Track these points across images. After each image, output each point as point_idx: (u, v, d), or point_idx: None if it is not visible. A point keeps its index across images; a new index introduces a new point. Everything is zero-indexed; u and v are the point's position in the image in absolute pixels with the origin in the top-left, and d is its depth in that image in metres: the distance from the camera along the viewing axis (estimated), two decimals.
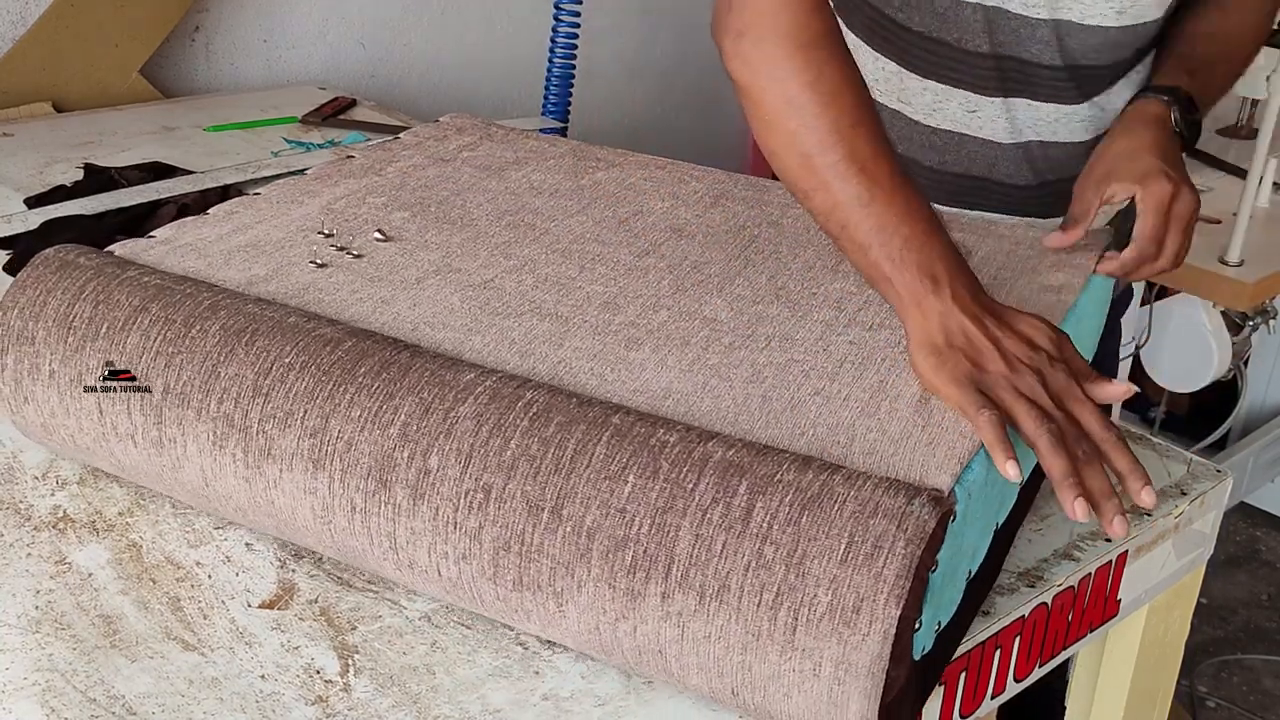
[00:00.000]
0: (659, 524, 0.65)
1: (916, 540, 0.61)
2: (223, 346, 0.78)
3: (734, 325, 0.84)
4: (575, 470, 0.67)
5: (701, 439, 0.68)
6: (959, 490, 0.67)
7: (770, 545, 0.63)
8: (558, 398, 0.72)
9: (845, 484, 0.64)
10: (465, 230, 0.96)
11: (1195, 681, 2.14)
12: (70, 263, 0.85)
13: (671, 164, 1.10)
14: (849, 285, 0.89)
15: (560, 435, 0.69)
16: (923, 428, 0.72)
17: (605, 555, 0.66)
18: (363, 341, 0.77)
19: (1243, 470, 2.25)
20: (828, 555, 0.62)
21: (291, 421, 0.74)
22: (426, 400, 0.72)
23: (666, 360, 0.79)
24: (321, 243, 0.94)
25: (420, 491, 0.70)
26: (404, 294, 0.87)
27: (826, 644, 0.61)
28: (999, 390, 0.74)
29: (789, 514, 0.63)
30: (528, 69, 2.24)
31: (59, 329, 0.82)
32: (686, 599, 0.64)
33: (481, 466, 0.69)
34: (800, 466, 0.66)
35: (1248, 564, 2.49)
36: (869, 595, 0.61)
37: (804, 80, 0.82)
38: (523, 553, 0.68)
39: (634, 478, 0.66)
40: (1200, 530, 0.97)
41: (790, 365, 0.79)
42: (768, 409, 0.74)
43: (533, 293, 0.87)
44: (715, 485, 0.65)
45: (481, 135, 1.16)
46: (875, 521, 0.62)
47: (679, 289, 0.89)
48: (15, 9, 1.66)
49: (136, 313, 0.81)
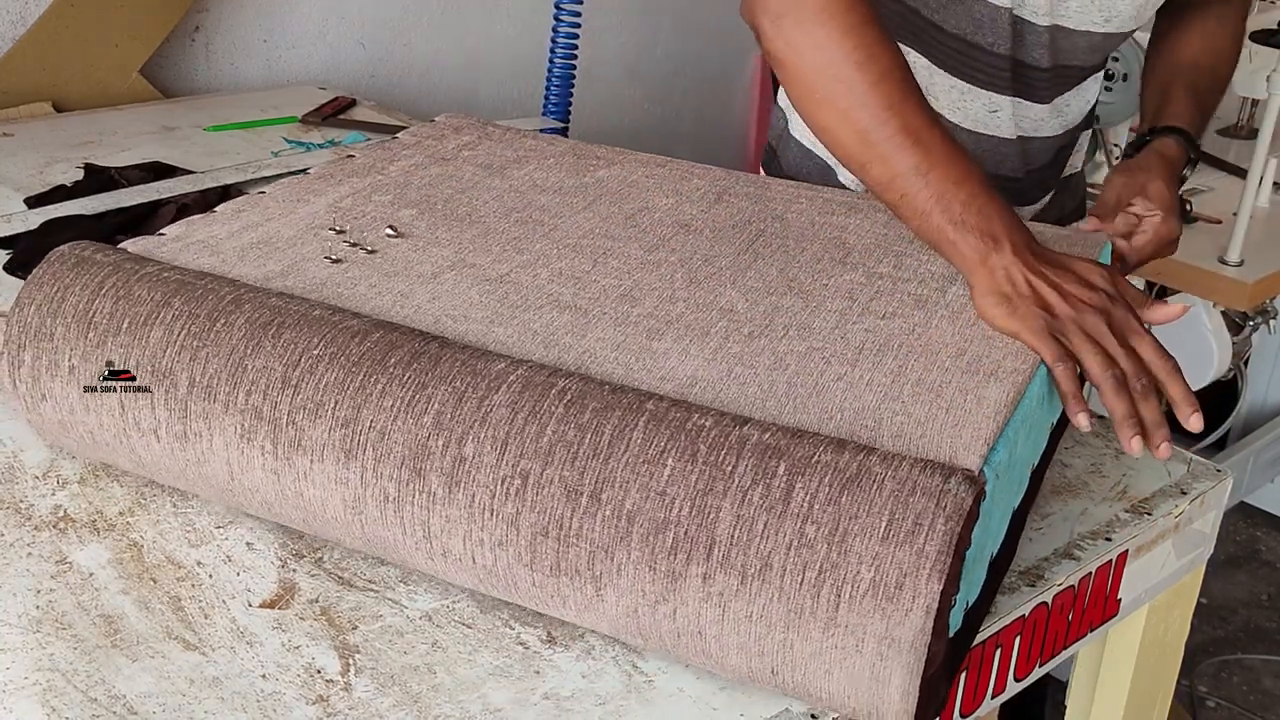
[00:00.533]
0: (699, 506, 0.66)
1: (956, 517, 0.63)
2: (249, 340, 0.78)
3: (751, 315, 0.85)
4: (613, 455, 0.68)
5: (737, 423, 0.69)
6: (988, 471, 0.69)
7: (812, 524, 0.64)
8: (590, 385, 0.72)
9: (882, 464, 0.66)
10: (474, 226, 0.97)
11: (1195, 681, 2.14)
12: (87, 259, 0.85)
13: (671, 162, 1.11)
14: (858, 277, 0.91)
15: (597, 421, 0.70)
16: (946, 410, 0.74)
17: (645, 538, 0.66)
18: (390, 333, 0.77)
19: (1243, 470, 2.25)
20: (869, 533, 0.63)
21: (322, 412, 0.74)
22: (460, 389, 0.73)
23: (690, 349, 0.80)
24: (334, 239, 0.94)
25: (456, 479, 0.71)
26: (422, 288, 0.87)
27: (870, 620, 0.63)
28: (1069, 334, 0.81)
29: (829, 494, 0.64)
30: (528, 69, 2.24)
31: (79, 325, 0.81)
32: (729, 579, 0.65)
33: (518, 453, 0.70)
34: (836, 448, 0.67)
35: (1248, 564, 2.49)
36: (911, 571, 0.62)
37: (855, 60, 0.86)
38: (561, 537, 0.68)
39: (673, 461, 0.67)
40: (1200, 530, 0.97)
41: (811, 353, 0.80)
42: (794, 395, 0.76)
43: (549, 286, 0.88)
44: (754, 467, 0.66)
45: (480, 134, 1.16)
46: (915, 500, 0.63)
47: (692, 281, 0.89)
48: (15, 9, 1.66)
49: (159, 307, 0.80)
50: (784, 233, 0.98)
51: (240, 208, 0.99)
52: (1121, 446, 0.80)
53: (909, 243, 0.95)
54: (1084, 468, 0.97)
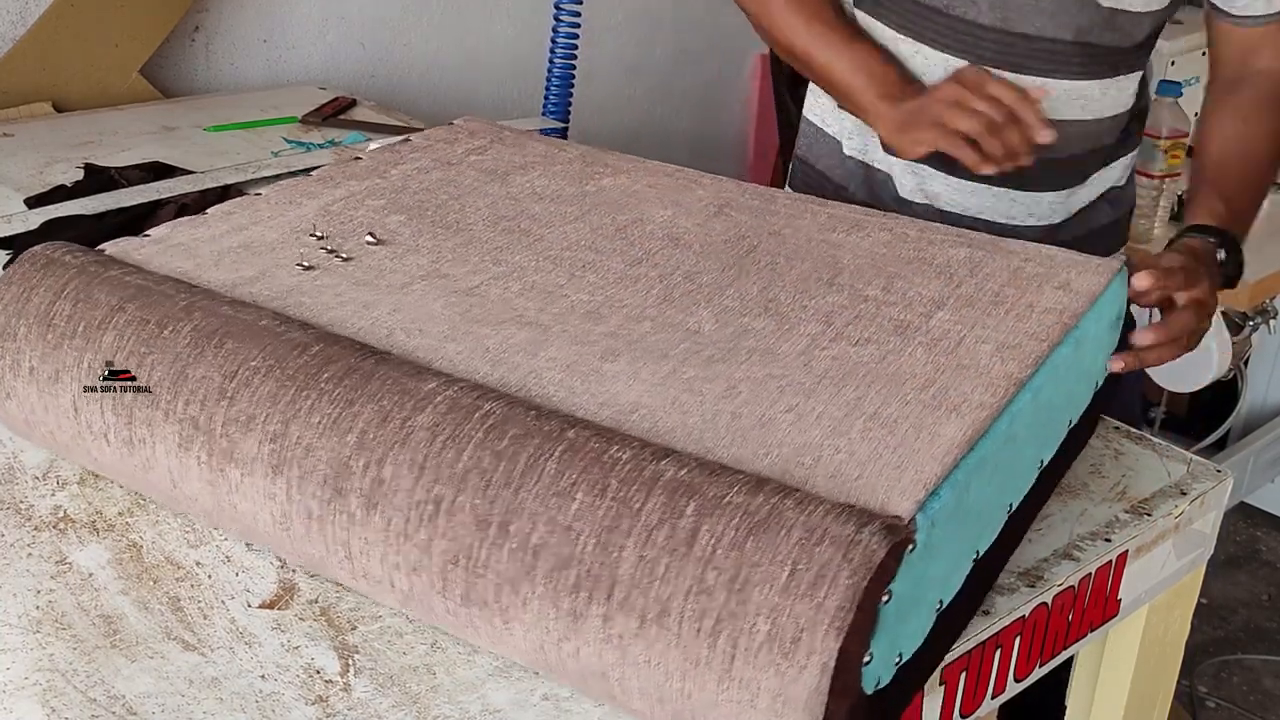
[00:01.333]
0: (603, 543, 0.63)
1: (863, 571, 0.59)
2: (193, 348, 0.77)
3: (716, 338, 0.82)
4: (525, 485, 0.66)
5: (656, 457, 0.66)
6: (921, 518, 0.65)
7: (713, 570, 0.61)
8: (516, 410, 0.70)
9: (796, 509, 0.62)
10: (459, 235, 0.96)
11: (1195, 681, 2.14)
12: (55, 260, 0.85)
13: (681, 172, 1.09)
14: (842, 299, 0.87)
15: (513, 449, 0.67)
16: (894, 449, 0.70)
17: (549, 574, 0.64)
18: (330, 347, 0.76)
19: (1243, 470, 2.25)
20: (770, 583, 0.59)
21: (254, 425, 0.73)
22: (386, 408, 0.71)
23: (640, 373, 0.78)
24: (312, 245, 0.93)
25: (374, 501, 0.69)
26: (387, 299, 0.86)
27: (764, 675, 0.59)
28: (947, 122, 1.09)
29: (734, 538, 0.61)
30: (528, 69, 2.24)
31: (40, 326, 0.82)
32: (628, 622, 0.62)
33: (434, 478, 0.68)
34: (753, 489, 0.63)
35: (1248, 564, 2.48)
36: (809, 626, 0.58)
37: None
38: (470, 567, 0.66)
39: (582, 495, 0.64)
40: (1200, 530, 0.97)
41: (767, 381, 0.77)
42: (736, 426, 0.72)
43: (517, 300, 0.86)
44: (663, 505, 0.63)
45: (492, 139, 1.15)
46: (821, 549, 0.60)
47: (666, 299, 0.87)
48: (15, 9, 1.67)
49: (113, 312, 0.81)
50: (777, 249, 0.95)
51: (231, 209, 0.99)
52: None
53: (905, 264, 0.92)
54: (1084, 468, 0.96)
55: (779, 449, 0.70)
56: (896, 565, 0.61)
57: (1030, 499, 0.83)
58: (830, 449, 0.70)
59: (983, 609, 0.80)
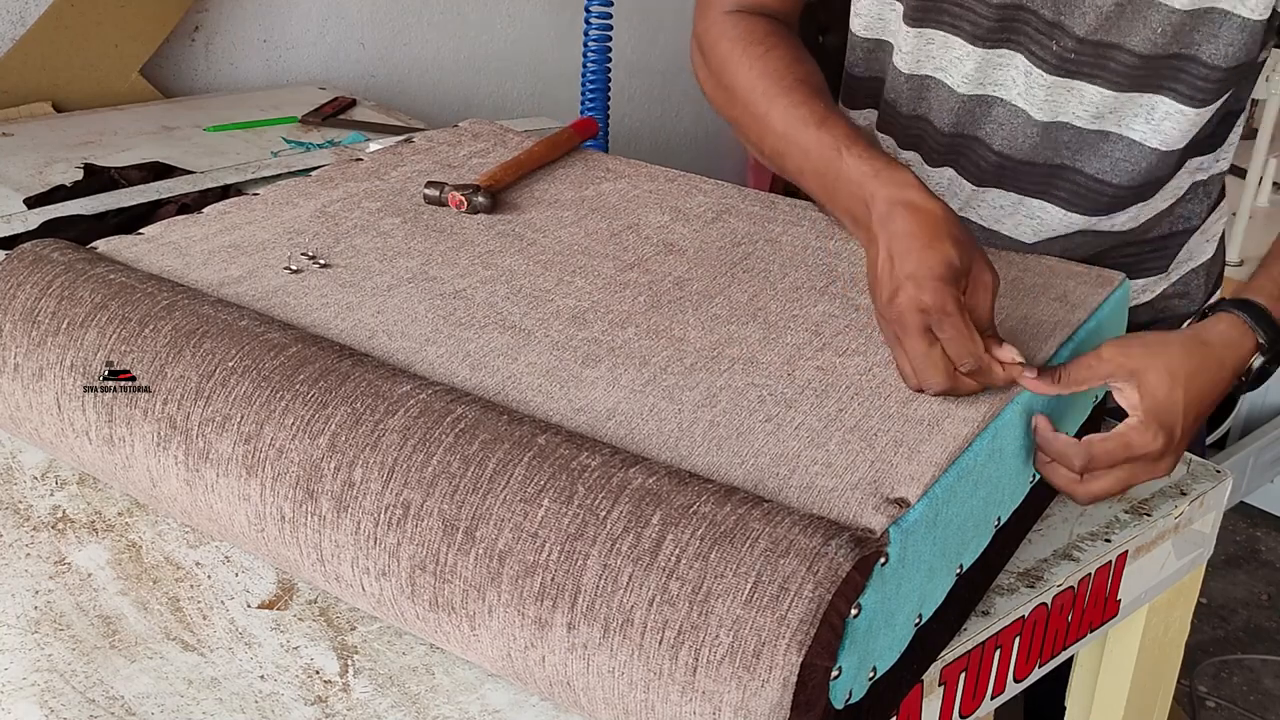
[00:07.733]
0: (568, 551, 0.62)
1: (827, 583, 0.58)
2: (172, 347, 0.77)
3: (700, 346, 0.81)
4: (493, 490, 0.65)
5: (625, 464, 0.65)
6: (894, 531, 0.63)
7: (676, 580, 0.60)
8: (488, 415, 0.69)
9: (763, 519, 0.61)
10: (451, 238, 0.95)
11: (1195, 681, 2.13)
12: (43, 257, 0.86)
13: (682, 176, 1.08)
14: (833, 308, 0.86)
15: (482, 454, 0.67)
16: (871, 463, 0.69)
17: (515, 581, 0.63)
18: (308, 348, 0.76)
19: (1243, 470, 2.25)
20: (733, 594, 0.58)
21: (229, 426, 0.73)
22: (358, 411, 0.70)
23: (620, 379, 0.77)
24: (304, 246, 0.93)
25: (344, 504, 0.69)
26: (371, 301, 0.85)
27: (726, 688, 0.58)
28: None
29: (699, 548, 0.60)
30: (527, 69, 2.24)
31: (24, 323, 0.82)
32: (591, 631, 0.61)
33: (403, 482, 0.67)
34: (720, 498, 0.62)
35: (1248, 564, 2.48)
36: (770, 640, 0.57)
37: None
38: (437, 572, 0.66)
39: (549, 501, 0.64)
40: (1200, 530, 0.97)
41: (748, 390, 0.76)
42: (712, 435, 0.71)
43: (502, 305, 0.85)
44: (629, 514, 0.62)
45: (495, 142, 1.14)
46: (785, 561, 0.58)
47: (654, 305, 0.86)
48: (15, 9, 1.67)
49: (96, 310, 0.81)
50: (771, 257, 0.94)
51: (227, 209, 0.99)
52: None
53: None
54: None
55: (755, 458, 0.69)
56: (865, 579, 0.60)
57: (1024, 511, 0.82)
58: (807, 460, 0.69)
59: (982, 609, 0.80)
